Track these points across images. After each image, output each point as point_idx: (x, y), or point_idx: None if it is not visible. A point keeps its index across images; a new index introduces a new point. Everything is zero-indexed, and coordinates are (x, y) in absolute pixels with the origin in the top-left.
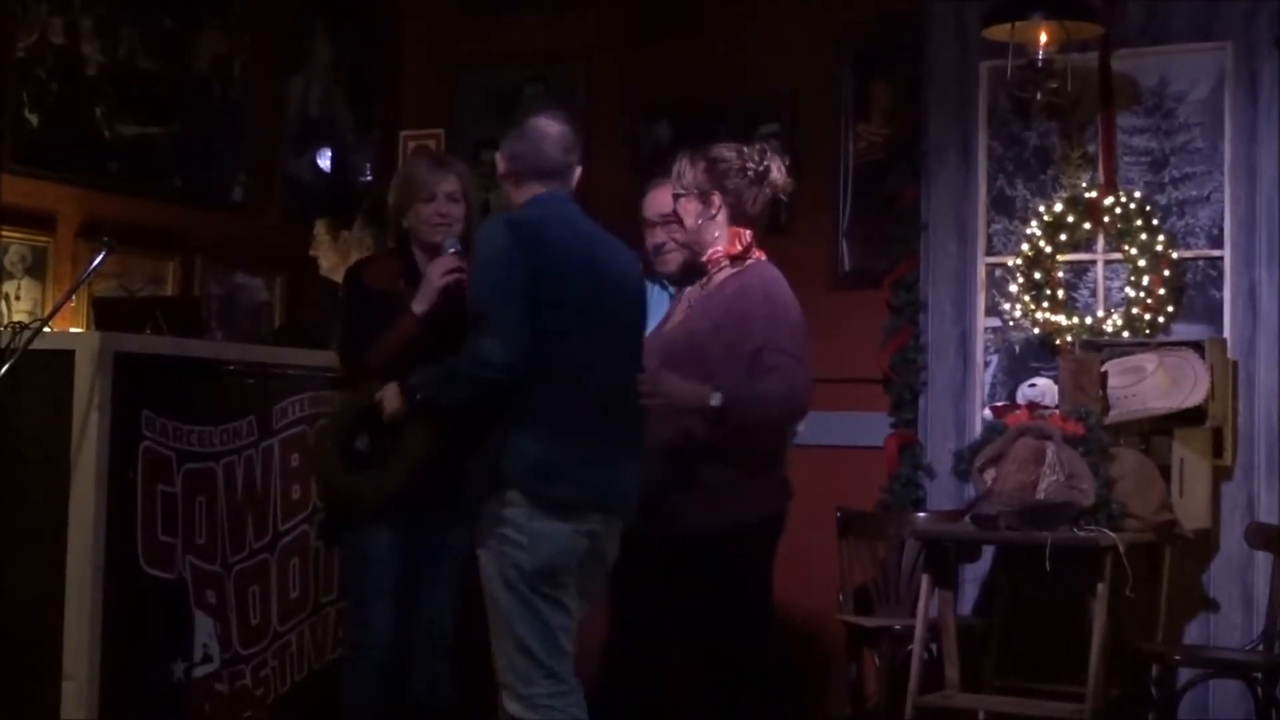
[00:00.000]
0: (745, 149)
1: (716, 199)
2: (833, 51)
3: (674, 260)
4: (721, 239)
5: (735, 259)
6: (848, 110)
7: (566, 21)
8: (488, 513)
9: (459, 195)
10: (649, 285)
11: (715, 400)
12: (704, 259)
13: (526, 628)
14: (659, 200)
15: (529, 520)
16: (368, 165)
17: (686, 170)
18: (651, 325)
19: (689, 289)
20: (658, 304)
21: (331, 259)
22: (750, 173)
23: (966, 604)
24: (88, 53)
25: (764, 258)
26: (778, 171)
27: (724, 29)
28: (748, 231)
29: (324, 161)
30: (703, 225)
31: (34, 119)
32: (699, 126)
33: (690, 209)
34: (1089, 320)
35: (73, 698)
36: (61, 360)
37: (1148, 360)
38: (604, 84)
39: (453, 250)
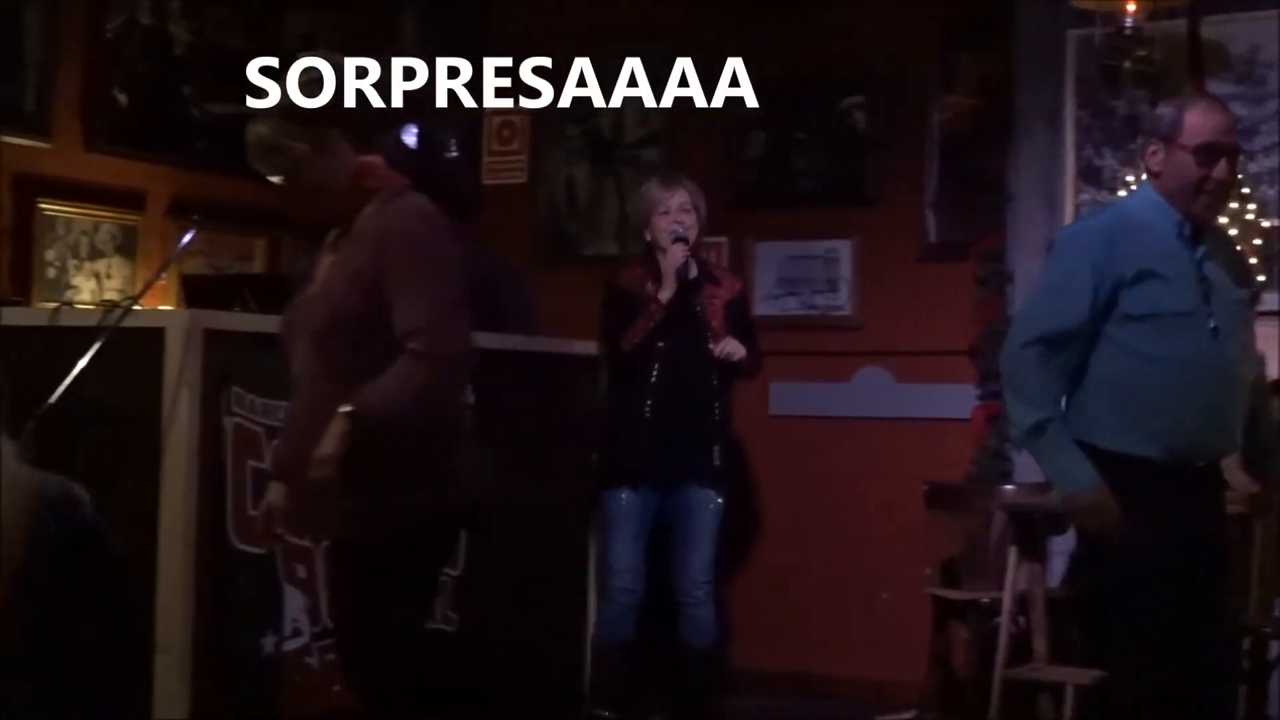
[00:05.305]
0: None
1: (333, 134)
2: (919, 22)
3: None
4: (344, 175)
5: (371, 192)
6: (934, 81)
7: None
8: None
9: (689, 206)
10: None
11: (346, 409)
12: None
13: None
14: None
15: None
16: (454, 142)
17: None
18: None
19: (329, 241)
20: None
21: None
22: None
23: (1055, 576)
24: (175, 32)
25: (401, 184)
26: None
27: (808, 2)
28: (375, 157)
29: (410, 138)
30: (338, 176)
31: (123, 99)
32: (784, 101)
33: (321, 169)
34: None
35: (166, 670)
36: (152, 338)
37: None
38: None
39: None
